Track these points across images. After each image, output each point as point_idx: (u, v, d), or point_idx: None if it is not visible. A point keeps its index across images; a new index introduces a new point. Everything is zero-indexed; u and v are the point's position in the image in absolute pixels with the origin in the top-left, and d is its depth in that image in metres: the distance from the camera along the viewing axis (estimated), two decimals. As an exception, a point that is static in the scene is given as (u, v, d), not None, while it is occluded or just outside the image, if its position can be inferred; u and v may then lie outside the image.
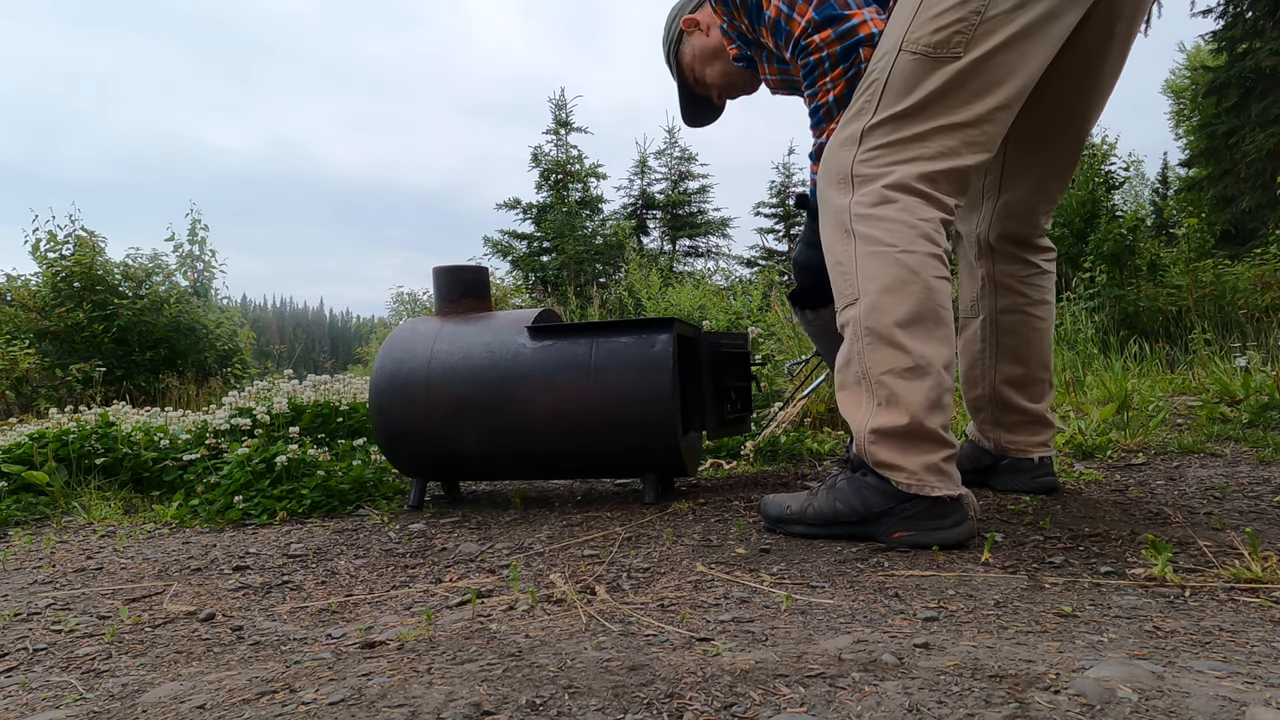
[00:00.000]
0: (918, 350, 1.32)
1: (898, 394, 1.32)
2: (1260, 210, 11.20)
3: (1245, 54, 11.42)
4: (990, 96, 1.32)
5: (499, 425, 1.88)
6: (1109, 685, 0.72)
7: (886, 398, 1.33)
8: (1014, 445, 1.86)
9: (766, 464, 2.45)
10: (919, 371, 1.32)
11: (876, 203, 1.35)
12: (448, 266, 2.10)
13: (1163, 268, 7.05)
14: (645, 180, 17.17)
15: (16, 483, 2.38)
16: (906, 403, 1.31)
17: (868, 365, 1.35)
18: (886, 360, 1.33)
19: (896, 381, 1.32)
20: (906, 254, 1.33)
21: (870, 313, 1.34)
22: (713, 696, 0.76)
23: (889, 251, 1.33)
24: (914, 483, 1.33)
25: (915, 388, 1.32)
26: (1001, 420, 1.85)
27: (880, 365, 1.33)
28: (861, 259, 1.36)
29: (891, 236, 1.34)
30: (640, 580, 1.29)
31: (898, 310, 1.33)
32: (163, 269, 8.98)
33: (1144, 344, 4.73)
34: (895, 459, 1.33)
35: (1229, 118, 12.08)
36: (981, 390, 1.85)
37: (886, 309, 1.33)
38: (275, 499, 2.09)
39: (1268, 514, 1.52)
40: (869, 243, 1.35)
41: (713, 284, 8.20)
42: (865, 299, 1.35)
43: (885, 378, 1.33)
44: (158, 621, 1.24)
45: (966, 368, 1.89)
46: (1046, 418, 1.82)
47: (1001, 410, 1.84)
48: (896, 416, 1.32)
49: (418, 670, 0.89)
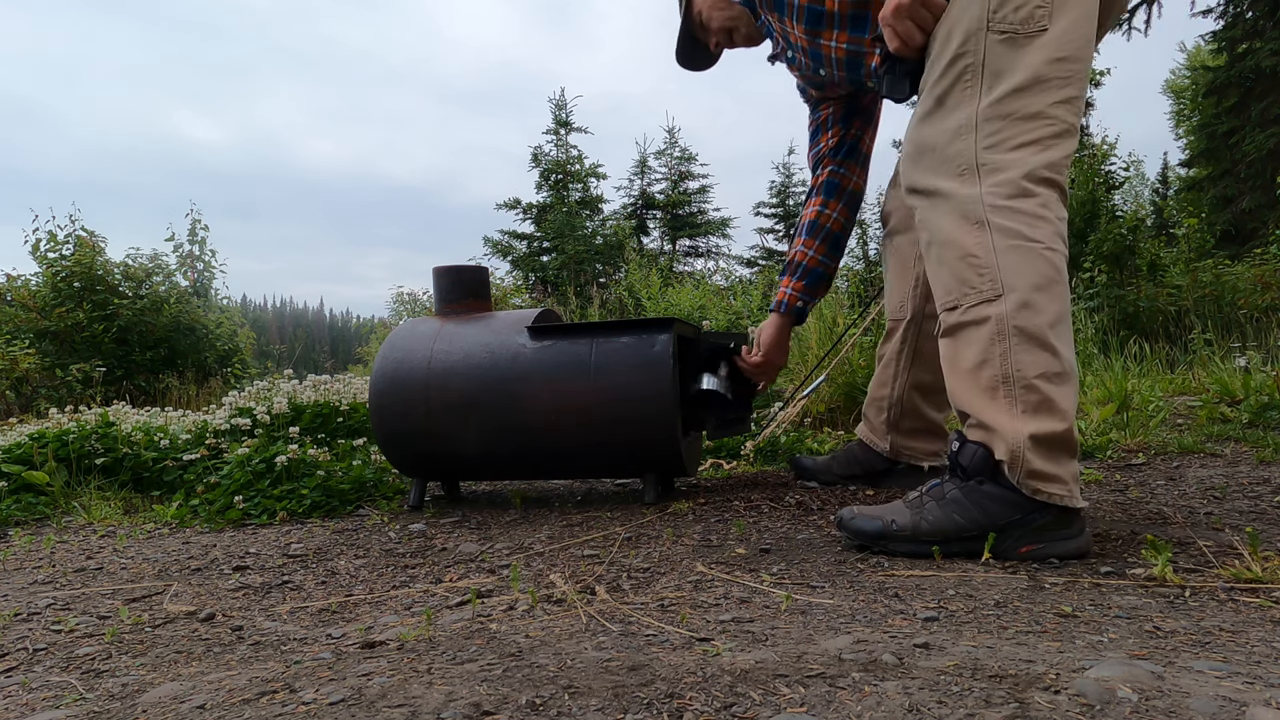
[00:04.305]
0: (1066, 354, 1.25)
1: (1053, 399, 1.23)
2: (1260, 210, 11.19)
3: (1245, 54, 11.41)
4: (1080, 65, 1.29)
5: (499, 425, 1.88)
6: (1109, 685, 0.72)
7: (1038, 403, 1.23)
8: (909, 451, 1.90)
9: (766, 464, 2.45)
10: (1068, 377, 1.24)
11: (1015, 194, 1.28)
12: (448, 267, 2.10)
13: (1163, 268, 7.05)
14: (645, 180, 17.17)
15: (16, 483, 2.38)
16: (1062, 409, 1.23)
17: (1016, 367, 1.24)
18: (1040, 363, 1.23)
19: (1050, 386, 1.23)
20: (1052, 251, 1.26)
21: (1020, 311, 1.24)
22: (713, 696, 0.76)
23: (1035, 247, 1.26)
24: (1065, 493, 1.23)
25: (1067, 393, 1.24)
26: (901, 425, 1.88)
27: (1033, 368, 1.23)
28: (1003, 253, 1.27)
29: (1035, 231, 1.26)
30: (640, 580, 1.29)
31: (1050, 310, 1.24)
32: (163, 269, 8.97)
33: (1144, 344, 4.73)
34: (1051, 468, 1.23)
35: (1229, 118, 12.08)
36: (888, 391, 1.88)
37: (1039, 308, 1.24)
38: (275, 499, 2.09)
39: (1268, 514, 1.52)
40: (1011, 236, 1.27)
41: (713, 284, 8.19)
42: (1013, 295, 1.25)
43: (1038, 382, 1.23)
44: (158, 621, 1.24)
45: (881, 367, 1.91)
46: (944, 429, 1.85)
47: (903, 415, 1.87)
48: (1055, 423, 1.22)
49: (418, 670, 0.89)
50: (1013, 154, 1.29)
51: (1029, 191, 1.27)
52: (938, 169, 1.36)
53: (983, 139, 1.31)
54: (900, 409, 1.88)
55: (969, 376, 1.31)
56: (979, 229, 1.29)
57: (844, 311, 3.89)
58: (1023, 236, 1.26)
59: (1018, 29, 1.28)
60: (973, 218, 1.30)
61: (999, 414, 1.26)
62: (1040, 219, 1.27)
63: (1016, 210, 1.27)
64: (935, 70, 1.37)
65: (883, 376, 1.90)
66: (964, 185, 1.32)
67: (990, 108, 1.30)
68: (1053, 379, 1.23)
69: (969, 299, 1.30)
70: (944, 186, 1.34)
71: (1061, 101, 1.28)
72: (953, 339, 1.35)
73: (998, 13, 1.28)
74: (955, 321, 1.33)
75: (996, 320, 1.26)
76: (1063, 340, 1.25)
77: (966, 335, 1.31)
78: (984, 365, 1.28)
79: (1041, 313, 1.24)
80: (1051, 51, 1.27)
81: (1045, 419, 1.23)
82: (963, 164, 1.32)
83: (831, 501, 1.83)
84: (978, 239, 1.29)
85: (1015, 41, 1.28)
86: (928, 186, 1.38)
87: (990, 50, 1.30)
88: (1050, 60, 1.27)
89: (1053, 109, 1.28)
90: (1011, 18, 1.28)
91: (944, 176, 1.35)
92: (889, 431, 1.90)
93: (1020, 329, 1.24)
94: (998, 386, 1.26)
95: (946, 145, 1.34)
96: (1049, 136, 1.28)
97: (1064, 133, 1.29)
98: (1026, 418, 1.24)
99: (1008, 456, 1.25)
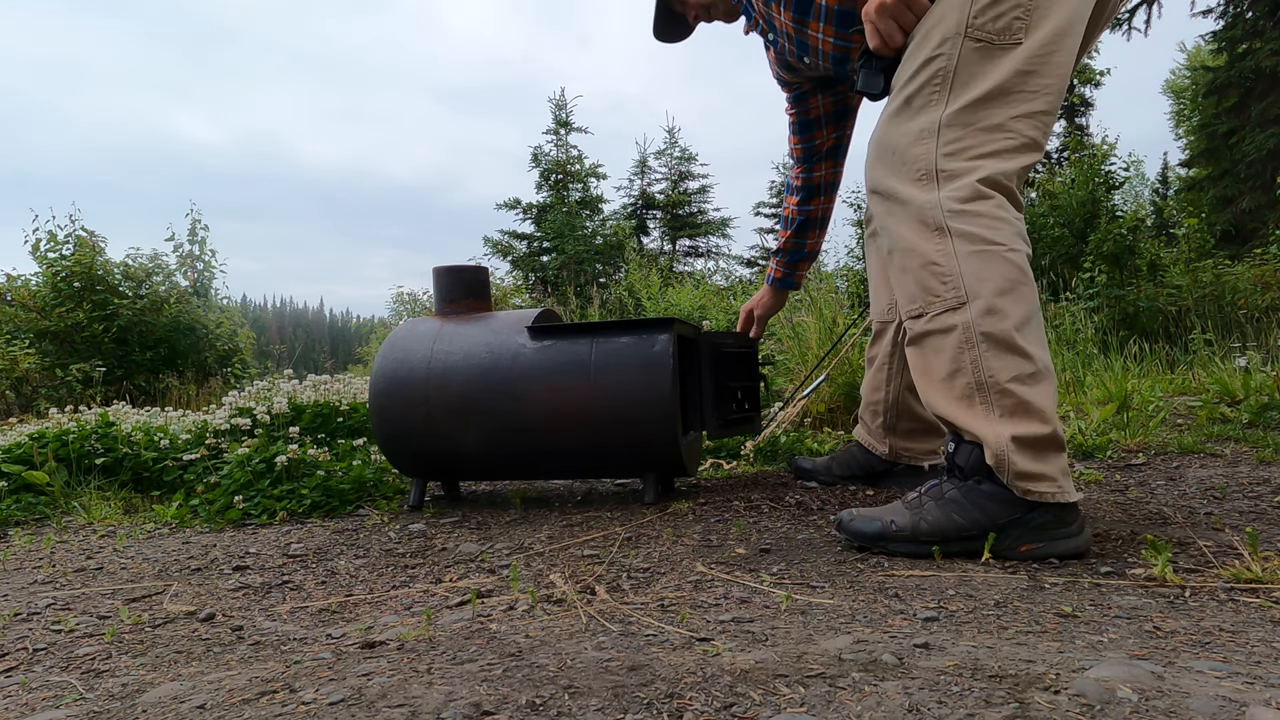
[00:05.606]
0: (1038, 354, 1.25)
1: (1029, 401, 1.23)
2: (1260, 210, 11.20)
3: (1245, 54, 11.41)
4: (1054, 79, 1.29)
5: (499, 425, 1.88)
6: (1109, 685, 0.72)
7: (1014, 406, 1.23)
8: (907, 452, 1.90)
9: (766, 464, 2.45)
10: (1042, 376, 1.25)
11: (971, 197, 1.28)
12: (448, 267, 2.10)
13: (1163, 268, 7.05)
14: (645, 180, 17.18)
15: (16, 483, 2.38)
16: (1040, 409, 1.23)
17: (988, 374, 1.25)
18: (1011, 367, 1.24)
19: (1024, 389, 1.23)
20: (1014, 252, 1.26)
21: (986, 317, 1.25)
22: (713, 696, 0.76)
23: (997, 250, 1.26)
24: (1056, 490, 1.24)
25: (1043, 393, 1.24)
26: (897, 427, 1.89)
27: (1004, 373, 1.24)
28: (965, 259, 1.27)
29: (995, 234, 1.26)
30: (640, 580, 1.29)
31: (1015, 313, 1.24)
32: (163, 269, 8.97)
33: (1144, 344, 4.73)
34: (1038, 468, 1.23)
35: (1229, 118, 12.08)
36: (883, 395, 1.88)
37: (1005, 312, 1.24)
38: (275, 499, 2.09)
39: (1268, 514, 1.52)
40: (972, 240, 1.27)
41: (713, 284, 8.20)
42: (978, 302, 1.25)
43: (1012, 385, 1.23)
44: (158, 621, 1.24)
45: (874, 371, 1.91)
46: (941, 428, 1.84)
47: (900, 416, 1.88)
48: (1036, 424, 1.23)
49: (418, 670, 0.89)
50: (970, 162, 1.30)
51: (984, 194, 1.29)
52: (897, 171, 1.37)
53: (943, 145, 1.31)
54: (896, 412, 1.88)
55: (943, 386, 1.31)
56: (939, 235, 1.29)
57: (844, 312, 3.89)
58: (984, 240, 1.27)
59: (993, 38, 1.28)
60: (932, 224, 1.31)
61: (978, 420, 1.27)
62: (999, 220, 1.28)
63: (975, 214, 1.28)
64: (908, 70, 1.37)
65: (875, 380, 1.91)
66: (922, 191, 1.33)
67: (954, 115, 1.31)
68: (1026, 380, 1.24)
69: (934, 307, 1.31)
70: (902, 191, 1.35)
71: (1024, 115, 1.29)
72: (920, 347, 1.35)
73: (977, 19, 1.29)
74: (921, 330, 1.34)
75: (963, 328, 1.27)
76: (1032, 341, 1.26)
77: (934, 343, 1.32)
78: (956, 374, 1.28)
79: (1007, 317, 1.24)
80: (1021, 64, 1.28)
81: (1024, 421, 1.23)
82: (922, 169, 1.33)
83: (831, 502, 1.83)
84: (939, 246, 1.29)
85: (988, 51, 1.29)
86: (886, 188, 1.39)
87: (964, 57, 1.30)
88: (1018, 73, 1.28)
89: (1014, 122, 1.29)
90: (990, 26, 1.28)
91: (902, 180, 1.36)
92: (886, 435, 1.91)
93: (987, 334, 1.25)
94: (973, 394, 1.27)
95: (908, 148, 1.35)
96: (1009, 149, 1.29)
97: (1024, 147, 1.30)
98: (1005, 421, 1.24)
99: (994, 461, 1.25)
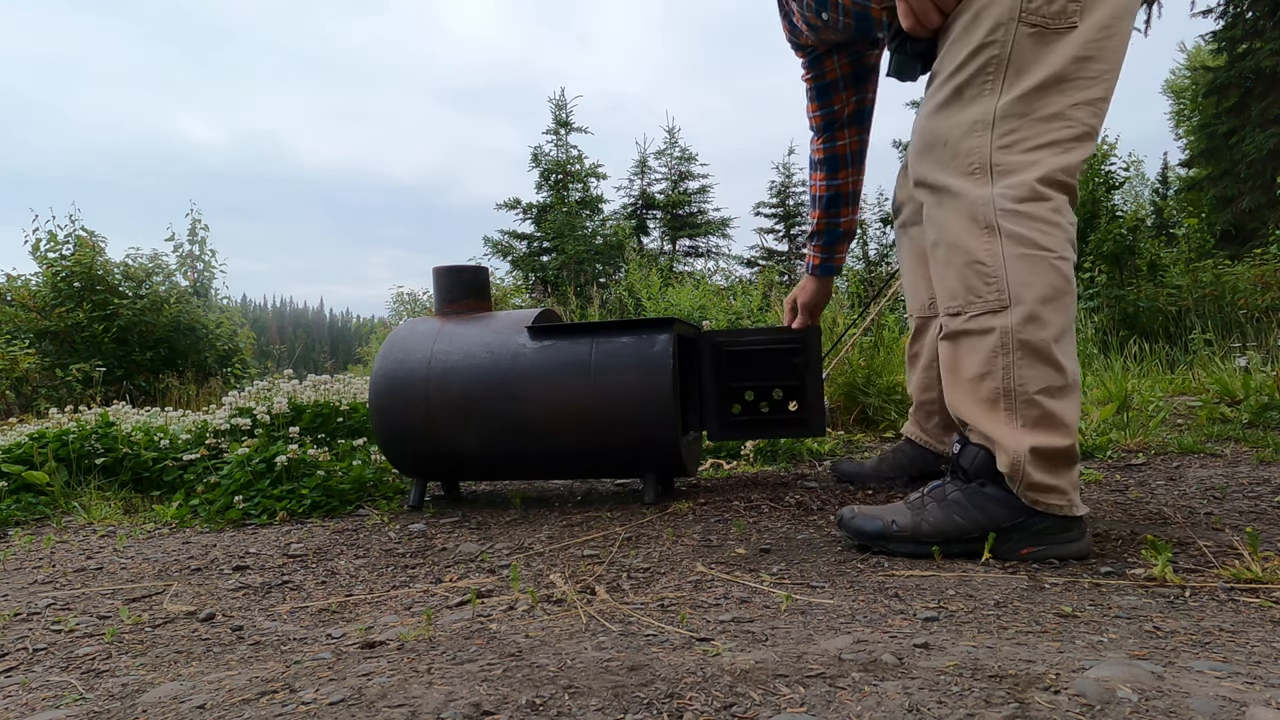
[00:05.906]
0: (1069, 367, 1.23)
1: (1054, 414, 1.21)
2: (1260, 210, 11.20)
3: (1245, 54, 11.42)
4: (1111, 64, 1.25)
5: (499, 425, 1.88)
6: (1109, 685, 0.72)
7: (1039, 417, 1.22)
8: None
9: (766, 464, 2.45)
10: (1071, 390, 1.23)
11: (1027, 198, 1.24)
12: (448, 266, 2.10)
13: (1163, 268, 7.05)
14: (645, 180, 17.17)
15: (16, 483, 2.38)
16: (1064, 422, 1.22)
17: (1018, 382, 1.23)
18: (1042, 378, 1.22)
19: (1051, 401, 1.22)
20: (1063, 260, 1.23)
21: (1026, 324, 1.22)
22: (713, 696, 0.76)
23: (1046, 256, 1.22)
24: (1065, 504, 1.23)
25: (1069, 406, 1.22)
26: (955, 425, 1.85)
27: (1035, 383, 1.22)
28: (1012, 261, 1.23)
29: (1047, 239, 1.23)
30: (640, 580, 1.29)
31: (1055, 324, 1.22)
32: (163, 269, 8.97)
33: (1144, 344, 4.73)
34: (1051, 480, 1.22)
35: (1229, 118, 12.08)
36: (935, 394, 1.81)
37: (1046, 322, 1.21)
38: (275, 499, 2.09)
39: (1268, 514, 1.52)
40: (1021, 243, 1.23)
41: (713, 284, 8.19)
42: (1020, 308, 1.22)
43: (1040, 397, 1.22)
44: (158, 621, 1.24)
45: (921, 369, 1.85)
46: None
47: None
48: (1058, 438, 1.21)
49: (418, 670, 0.89)
50: (1028, 155, 1.25)
51: (1042, 195, 1.24)
52: (948, 164, 1.31)
53: (998, 137, 1.26)
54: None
55: (969, 386, 1.29)
56: (988, 234, 1.25)
57: (844, 312, 3.89)
58: (1034, 245, 1.23)
59: (1048, 23, 1.23)
60: (982, 221, 1.26)
61: (999, 426, 1.25)
62: (1053, 225, 1.23)
63: (1029, 215, 1.23)
64: (955, 57, 1.30)
65: (925, 380, 1.84)
66: (975, 185, 1.28)
67: (1010, 105, 1.25)
68: (1055, 393, 1.22)
69: (974, 307, 1.27)
70: (954, 184, 1.30)
71: (1083, 103, 1.24)
72: (954, 344, 1.32)
73: (1031, 3, 1.23)
74: (959, 328, 1.31)
75: (1001, 333, 1.24)
76: (1066, 353, 1.23)
77: (970, 343, 1.29)
78: (985, 377, 1.26)
79: (1047, 326, 1.21)
80: (1078, 50, 1.23)
81: (1046, 433, 1.21)
82: (975, 162, 1.28)
83: (831, 501, 1.83)
84: (986, 245, 1.25)
85: (1043, 36, 1.23)
86: (937, 182, 1.34)
87: (1018, 43, 1.24)
88: (1075, 59, 1.23)
89: (1073, 110, 1.24)
90: (1045, 10, 1.23)
91: (954, 174, 1.30)
92: (944, 433, 1.86)
93: (1025, 343, 1.22)
94: (998, 399, 1.25)
95: (960, 140, 1.30)
96: (1068, 139, 1.25)
97: (1083, 136, 1.25)
98: (1027, 431, 1.22)
99: (1008, 469, 1.24)
